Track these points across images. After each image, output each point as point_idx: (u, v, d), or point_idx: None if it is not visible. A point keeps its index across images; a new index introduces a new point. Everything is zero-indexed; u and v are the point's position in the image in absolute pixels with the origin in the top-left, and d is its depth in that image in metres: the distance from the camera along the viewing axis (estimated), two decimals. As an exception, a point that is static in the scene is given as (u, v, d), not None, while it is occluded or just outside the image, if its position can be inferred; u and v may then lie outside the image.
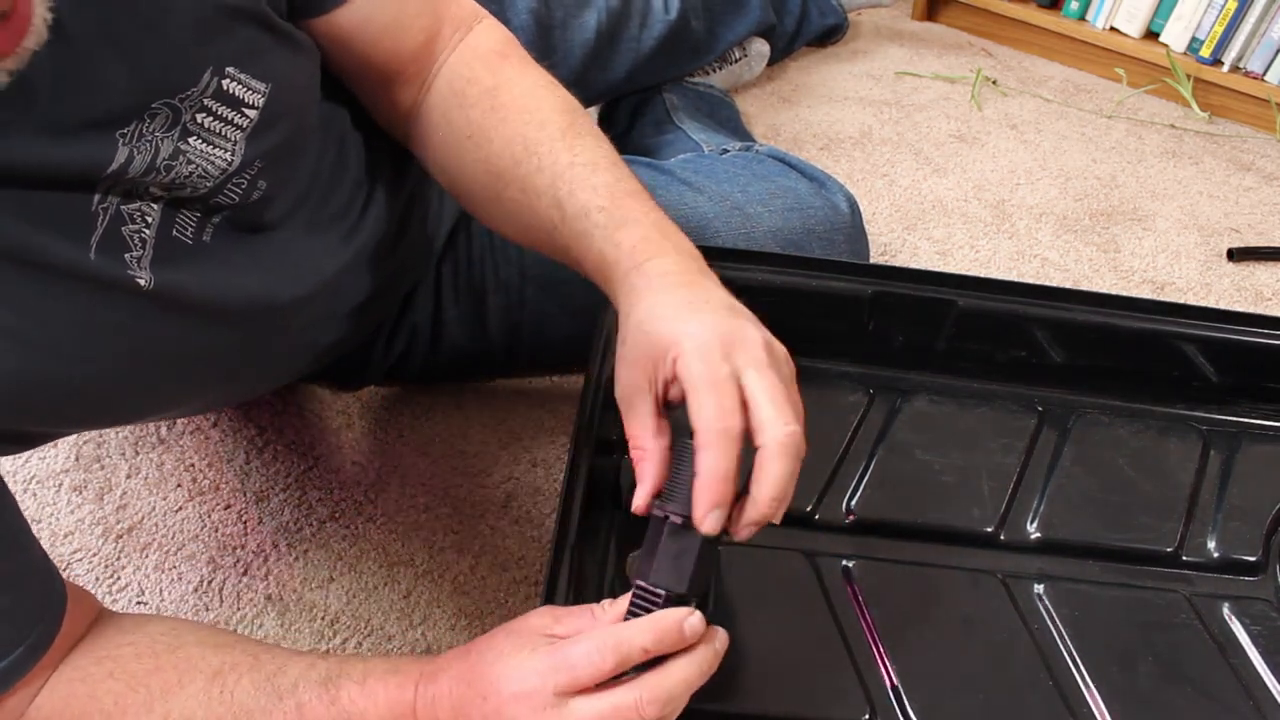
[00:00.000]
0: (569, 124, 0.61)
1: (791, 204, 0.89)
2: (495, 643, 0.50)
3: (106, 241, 0.49)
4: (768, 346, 0.50)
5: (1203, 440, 0.76)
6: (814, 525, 0.70)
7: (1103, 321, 0.75)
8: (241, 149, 0.53)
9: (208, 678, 0.50)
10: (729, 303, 0.52)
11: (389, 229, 0.72)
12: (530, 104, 0.62)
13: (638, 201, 0.57)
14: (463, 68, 0.64)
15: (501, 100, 0.62)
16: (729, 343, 0.48)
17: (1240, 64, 1.39)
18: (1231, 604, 0.67)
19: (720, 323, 0.49)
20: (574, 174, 0.58)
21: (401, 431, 0.90)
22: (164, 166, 0.49)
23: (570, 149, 0.60)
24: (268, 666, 0.50)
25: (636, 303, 0.52)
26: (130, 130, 0.47)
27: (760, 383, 0.47)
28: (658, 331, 0.50)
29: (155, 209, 0.51)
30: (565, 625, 0.49)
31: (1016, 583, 0.68)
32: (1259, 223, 1.23)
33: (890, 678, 0.62)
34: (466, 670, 0.49)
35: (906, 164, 1.30)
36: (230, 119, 0.51)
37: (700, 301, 0.50)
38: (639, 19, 1.15)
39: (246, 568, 0.80)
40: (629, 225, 0.55)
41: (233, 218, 0.56)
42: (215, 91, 0.50)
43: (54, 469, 0.87)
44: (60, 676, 0.51)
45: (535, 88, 0.63)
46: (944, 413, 0.76)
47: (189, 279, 0.54)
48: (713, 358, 0.47)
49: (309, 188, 0.63)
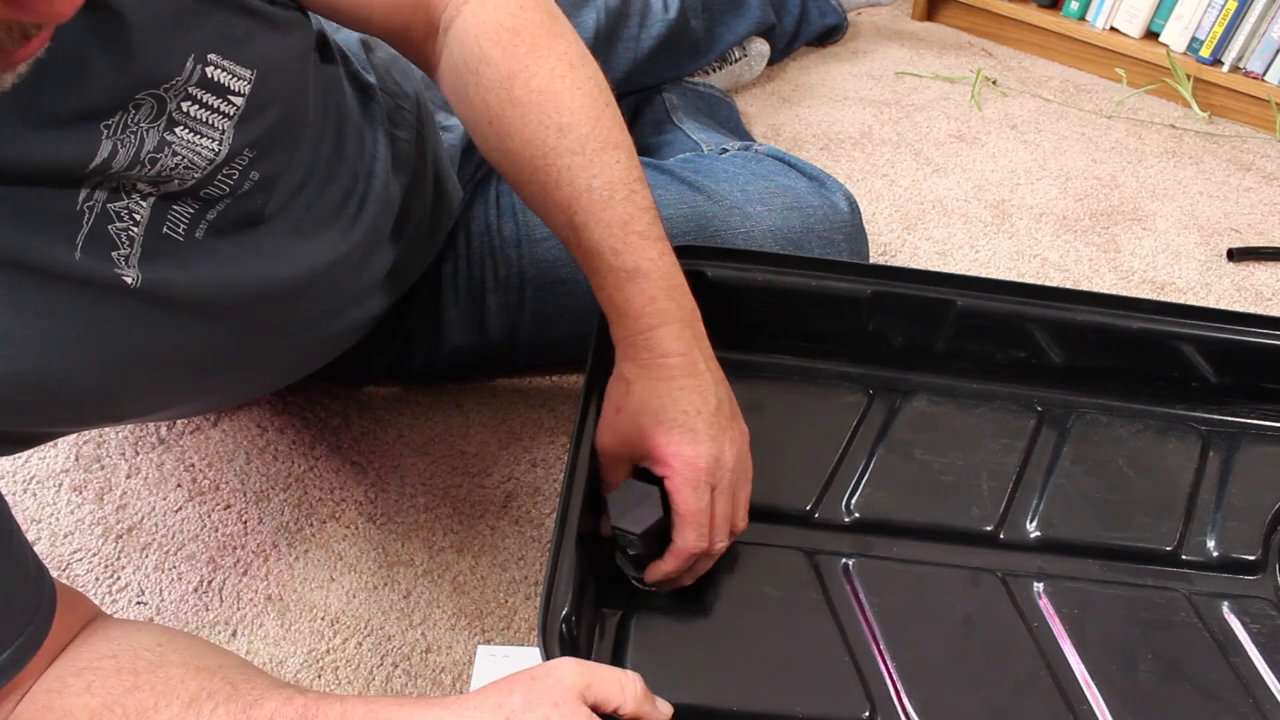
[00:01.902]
0: (589, 132, 0.61)
1: (791, 203, 0.89)
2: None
3: (92, 240, 0.49)
4: (736, 465, 0.61)
5: (1202, 440, 0.76)
6: (814, 524, 0.70)
7: (1102, 321, 0.75)
8: (230, 138, 0.52)
9: (184, 703, 0.48)
10: (715, 403, 0.60)
11: (388, 223, 0.72)
12: (549, 103, 0.61)
13: (650, 245, 0.61)
14: (473, 44, 0.61)
15: (518, 94, 0.61)
16: (710, 470, 0.59)
17: (1240, 64, 1.39)
18: (1231, 602, 0.67)
19: (706, 450, 0.59)
20: (590, 201, 0.60)
21: (401, 431, 0.90)
22: (149, 159, 0.49)
23: (589, 167, 0.60)
24: (245, 697, 0.49)
25: (635, 379, 0.61)
26: (114, 122, 0.47)
27: (722, 510, 0.61)
28: (651, 433, 0.60)
29: (144, 206, 0.51)
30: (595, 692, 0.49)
31: (1016, 581, 0.68)
32: (1259, 223, 1.23)
33: (890, 675, 0.62)
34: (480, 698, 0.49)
35: (906, 164, 1.30)
36: (216, 107, 0.51)
37: (694, 412, 0.60)
38: (638, 19, 1.15)
39: (246, 568, 0.80)
40: (638, 280, 0.60)
41: (227, 212, 0.56)
42: (200, 79, 0.49)
43: (54, 469, 0.87)
44: (40, 686, 0.50)
45: (554, 78, 0.61)
46: (943, 413, 0.76)
47: (179, 276, 0.54)
48: (700, 490, 0.59)
49: (305, 178, 0.62)
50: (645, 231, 0.61)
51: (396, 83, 0.79)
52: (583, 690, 0.48)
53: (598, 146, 0.61)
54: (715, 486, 0.60)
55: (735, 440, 0.61)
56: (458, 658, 0.74)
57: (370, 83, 0.75)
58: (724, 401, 0.61)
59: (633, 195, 0.61)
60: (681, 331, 0.61)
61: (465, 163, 0.88)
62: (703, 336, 0.63)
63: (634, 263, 0.60)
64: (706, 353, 0.62)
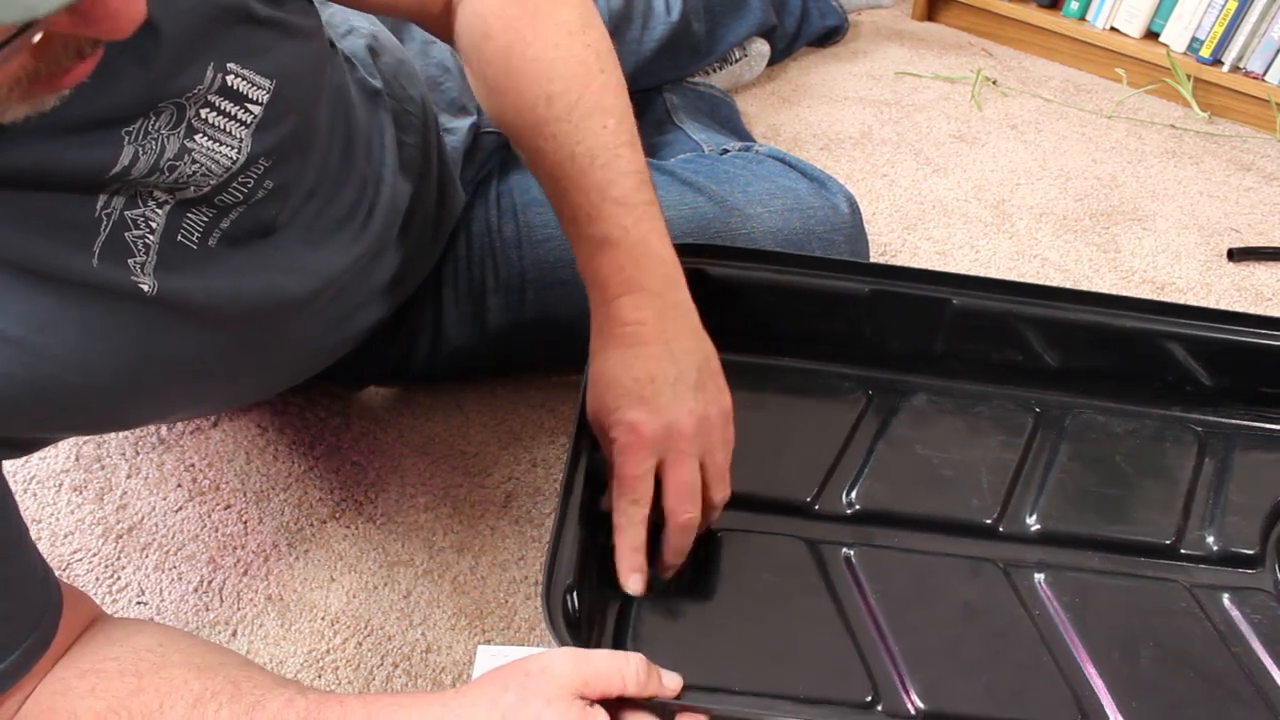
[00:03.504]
0: (578, 99, 0.61)
1: (792, 204, 0.89)
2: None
3: (109, 247, 0.49)
4: (698, 433, 0.58)
5: (1199, 441, 0.76)
6: (815, 515, 0.70)
7: (1100, 321, 0.75)
8: (247, 145, 0.53)
9: (188, 704, 0.49)
10: (677, 372, 0.59)
11: (394, 228, 0.72)
12: (542, 72, 0.61)
13: (626, 212, 0.60)
14: (479, 19, 0.62)
15: (515, 64, 0.62)
16: (656, 438, 0.58)
17: (1240, 64, 1.39)
18: (1231, 594, 0.68)
19: (654, 418, 0.58)
20: (572, 168, 0.60)
21: (401, 431, 0.90)
22: (168, 166, 0.49)
23: (573, 134, 0.60)
24: (248, 698, 0.49)
25: (600, 349, 0.61)
26: (136, 129, 0.47)
27: (674, 476, 0.59)
28: (604, 402, 0.60)
29: (160, 214, 0.51)
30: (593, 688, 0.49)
31: (1017, 571, 0.68)
32: (1259, 223, 1.23)
33: (893, 659, 0.62)
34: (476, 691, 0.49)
35: (906, 164, 1.30)
36: (235, 115, 0.51)
37: (646, 380, 0.58)
38: (640, 20, 1.15)
39: (247, 568, 0.80)
40: (607, 249, 0.60)
41: (240, 220, 0.56)
42: (220, 87, 0.50)
43: (54, 469, 0.87)
44: (44, 688, 0.50)
45: (548, 48, 0.62)
46: (942, 411, 0.77)
47: (193, 284, 0.54)
48: (636, 456, 0.58)
49: (315, 186, 0.63)
50: (623, 198, 0.60)
51: (403, 87, 0.79)
52: (579, 687, 0.48)
53: (585, 112, 0.61)
54: (666, 456, 0.58)
55: (700, 409, 0.59)
56: (458, 658, 0.74)
57: (377, 88, 0.75)
58: (690, 370, 0.60)
59: (615, 160, 0.60)
60: (646, 300, 0.60)
61: (467, 164, 0.88)
62: (679, 305, 0.61)
63: (604, 231, 0.60)
64: (680, 321, 0.61)
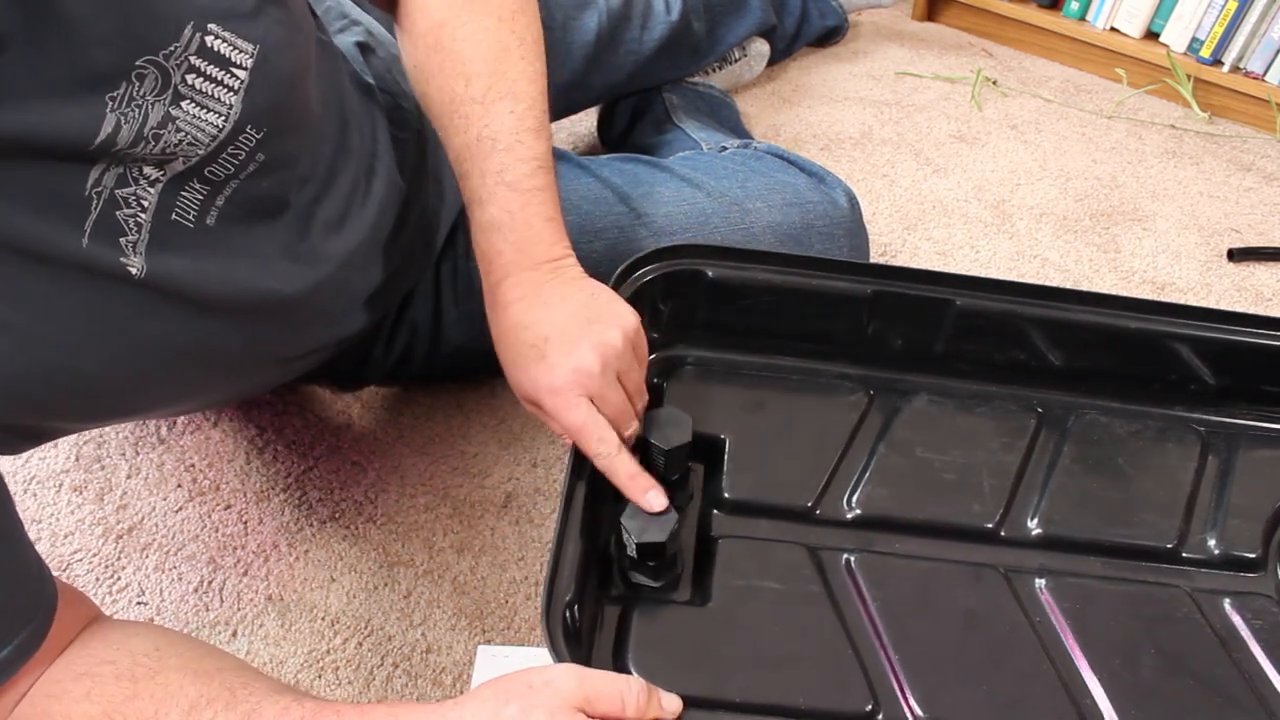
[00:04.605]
0: (492, 83, 0.63)
1: (790, 199, 0.89)
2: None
3: (101, 226, 0.49)
4: (606, 364, 0.59)
5: (1201, 441, 0.76)
6: (815, 520, 0.70)
7: (1103, 321, 0.75)
8: (235, 112, 0.52)
9: (183, 711, 0.49)
10: (563, 321, 0.60)
11: (391, 220, 0.72)
12: (467, 52, 0.63)
13: (515, 197, 0.62)
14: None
15: (443, 42, 0.63)
16: (574, 386, 0.59)
17: (1240, 64, 1.39)
18: (1233, 599, 0.67)
19: (561, 372, 0.59)
20: (476, 150, 0.62)
21: (401, 431, 0.90)
22: (151, 135, 0.49)
23: (483, 116, 0.62)
24: (244, 705, 0.49)
25: (497, 336, 0.63)
26: (119, 94, 0.46)
27: (602, 408, 0.60)
28: (516, 381, 0.63)
29: (152, 192, 0.51)
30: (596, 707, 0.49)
31: (1018, 576, 0.68)
32: (1259, 223, 1.23)
33: (893, 668, 0.62)
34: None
35: (906, 164, 1.30)
36: (220, 79, 0.51)
37: (540, 341, 0.60)
38: (640, 21, 1.15)
39: (247, 568, 0.80)
40: (491, 233, 0.62)
41: (235, 197, 0.56)
42: (200, 48, 0.49)
43: (54, 469, 0.87)
44: (39, 690, 0.50)
45: (478, 29, 0.63)
46: (944, 413, 0.76)
47: (183, 267, 0.53)
48: (572, 408, 0.59)
49: (311, 172, 0.63)
50: (516, 182, 0.62)
51: (396, 82, 0.79)
52: (582, 703, 0.48)
53: (496, 97, 0.62)
54: (590, 394, 0.60)
55: (598, 339, 0.60)
56: (458, 658, 0.74)
57: (369, 83, 0.75)
58: (575, 311, 0.61)
59: (515, 146, 0.62)
60: (523, 279, 0.62)
61: None
62: (556, 273, 0.62)
63: (491, 215, 0.62)
64: (555, 283, 0.62)
